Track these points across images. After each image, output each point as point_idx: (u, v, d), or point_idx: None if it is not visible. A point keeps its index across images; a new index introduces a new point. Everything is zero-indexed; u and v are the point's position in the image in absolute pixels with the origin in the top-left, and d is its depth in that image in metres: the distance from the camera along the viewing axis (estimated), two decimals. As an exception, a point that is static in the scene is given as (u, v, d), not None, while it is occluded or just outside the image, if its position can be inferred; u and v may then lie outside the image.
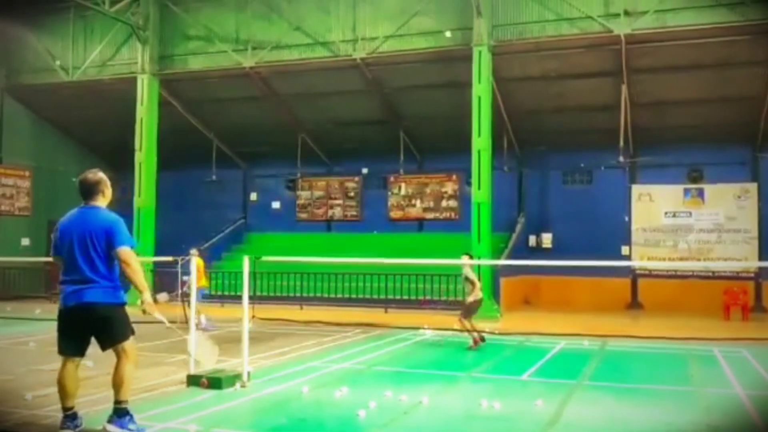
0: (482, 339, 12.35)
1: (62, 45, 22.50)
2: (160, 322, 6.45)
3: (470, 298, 12.43)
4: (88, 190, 5.76)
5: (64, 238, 5.67)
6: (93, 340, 5.81)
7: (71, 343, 5.65)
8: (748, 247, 20.13)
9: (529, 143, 22.14)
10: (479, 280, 13.04)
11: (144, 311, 5.73)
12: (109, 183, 5.90)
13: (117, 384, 5.62)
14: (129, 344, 5.66)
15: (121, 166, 21.98)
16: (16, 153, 23.57)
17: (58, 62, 22.35)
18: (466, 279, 12.47)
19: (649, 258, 20.87)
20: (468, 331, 12.35)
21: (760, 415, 7.37)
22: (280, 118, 22.90)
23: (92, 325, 5.56)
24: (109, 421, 5.59)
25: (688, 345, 12.85)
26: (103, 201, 5.79)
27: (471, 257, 13.03)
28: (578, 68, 18.78)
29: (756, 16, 16.12)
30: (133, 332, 5.75)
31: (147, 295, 5.69)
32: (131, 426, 5.56)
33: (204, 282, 15.04)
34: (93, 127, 24.07)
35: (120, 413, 5.59)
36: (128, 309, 5.93)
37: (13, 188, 23.53)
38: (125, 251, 5.59)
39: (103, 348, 5.69)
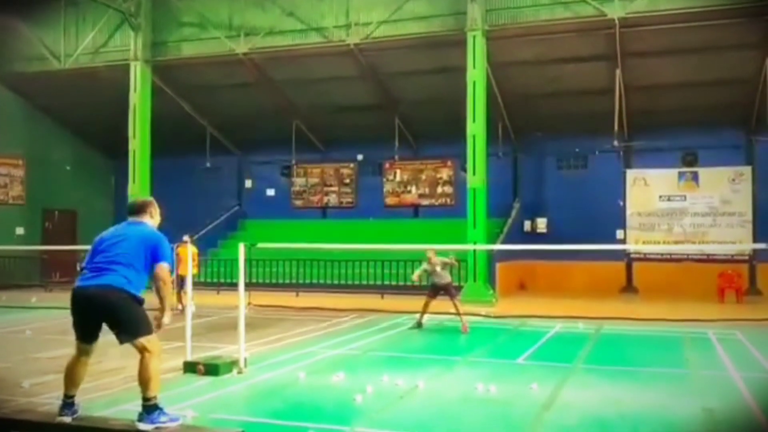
0: (419, 325, 12.73)
1: (54, 33, 22.31)
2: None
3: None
4: (138, 210, 5.94)
5: (104, 240, 5.69)
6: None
7: (86, 330, 5.54)
8: (742, 230, 20.20)
9: (524, 128, 22.10)
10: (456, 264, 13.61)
11: (158, 327, 5.62)
12: (158, 208, 6.03)
13: (144, 381, 5.44)
14: (149, 339, 5.47)
15: (114, 153, 21.95)
16: (9, 142, 23.43)
17: (49, 50, 22.20)
18: (445, 265, 12.72)
19: (644, 242, 20.93)
20: (461, 314, 12.51)
21: (754, 397, 7.43)
22: (275, 105, 22.82)
23: (105, 309, 5.45)
24: (140, 420, 5.42)
25: (683, 327, 12.92)
26: (151, 221, 5.93)
27: (435, 252, 13.09)
28: (572, 52, 18.72)
29: (749, -2, 16.10)
30: (151, 330, 5.54)
31: (168, 317, 5.62)
32: (163, 419, 5.41)
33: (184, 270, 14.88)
34: (86, 114, 23.92)
35: (149, 410, 5.42)
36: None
37: (7, 177, 23.42)
38: (166, 268, 5.67)
39: (120, 340, 5.50)
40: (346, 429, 6.13)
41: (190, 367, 8.36)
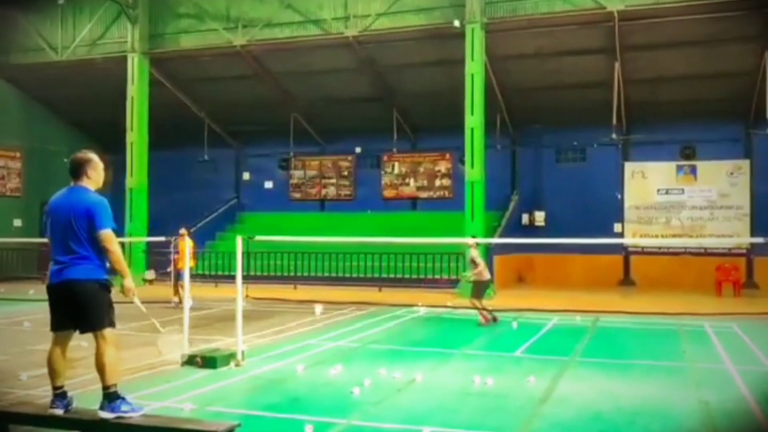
0: (494, 319, 12.65)
1: (51, 24, 22.24)
2: (138, 307, 6.27)
3: (474, 278, 12.77)
4: (74, 170, 5.65)
5: (51, 218, 5.62)
6: None
7: (58, 320, 5.57)
8: (740, 223, 20.22)
9: (523, 121, 22.08)
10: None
11: (124, 294, 5.67)
12: (98, 165, 5.72)
13: (100, 369, 5.46)
14: (108, 331, 5.47)
15: (112, 145, 21.86)
16: (7, 133, 23.40)
17: (47, 42, 22.11)
18: (472, 261, 12.80)
19: (641, 235, 20.94)
20: (478, 309, 12.68)
21: (750, 390, 7.44)
22: (273, 97, 22.76)
23: (72, 302, 5.46)
24: (101, 408, 5.42)
25: (680, 320, 12.94)
26: (89, 183, 5.64)
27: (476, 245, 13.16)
28: (571, 45, 18.69)
29: (748, -9, 16.06)
30: (112, 324, 5.52)
31: (129, 281, 5.62)
32: (124, 407, 5.41)
33: (182, 263, 14.83)
34: (84, 106, 23.88)
35: (110, 398, 5.42)
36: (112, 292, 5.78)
37: (4, 169, 23.40)
38: (105, 234, 5.48)
39: (81, 330, 5.51)
40: (344, 422, 6.13)
41: (188, 360, 8.37)
